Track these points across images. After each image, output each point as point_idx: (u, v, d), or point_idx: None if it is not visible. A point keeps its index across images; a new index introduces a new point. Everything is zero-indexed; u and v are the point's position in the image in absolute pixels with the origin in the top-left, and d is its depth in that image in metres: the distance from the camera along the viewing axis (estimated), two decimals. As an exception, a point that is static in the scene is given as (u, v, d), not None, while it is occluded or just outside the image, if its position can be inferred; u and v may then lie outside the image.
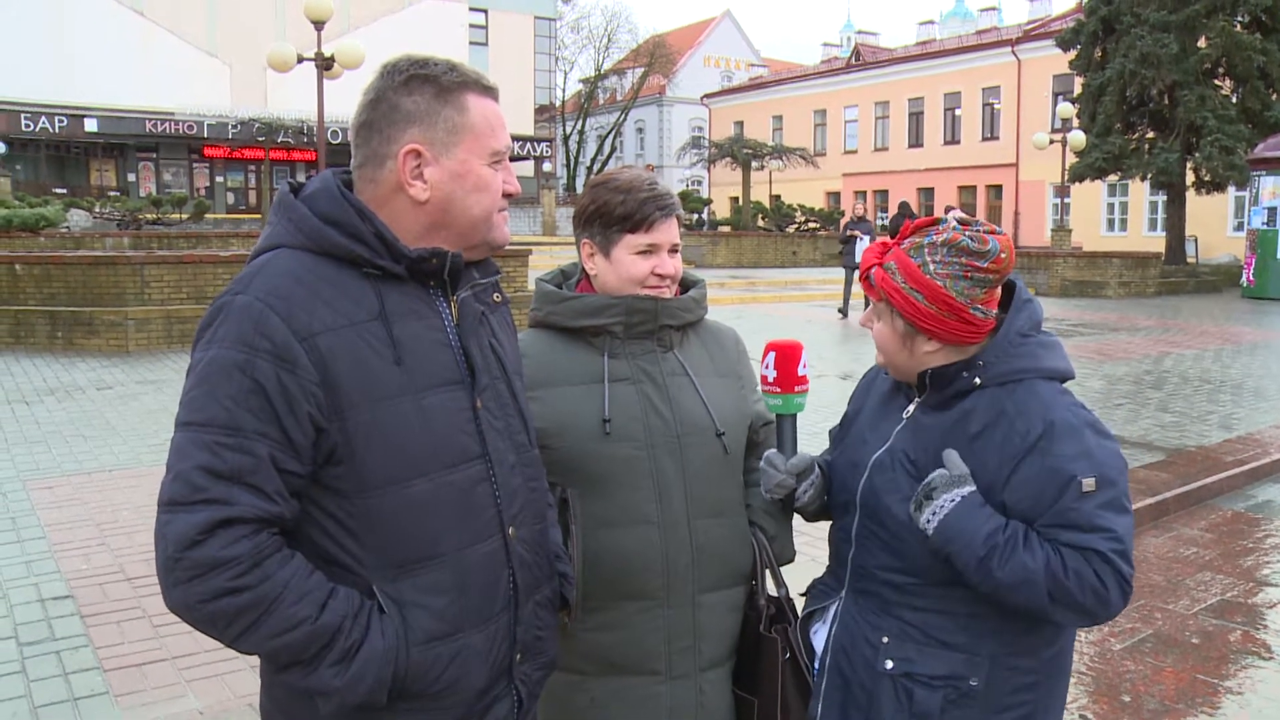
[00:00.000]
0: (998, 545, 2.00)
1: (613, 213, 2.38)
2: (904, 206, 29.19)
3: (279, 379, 1.70)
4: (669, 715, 2.36)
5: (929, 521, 2.05)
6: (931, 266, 2.09)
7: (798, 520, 2.57)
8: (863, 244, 19.66)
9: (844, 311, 19.83)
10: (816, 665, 2.36)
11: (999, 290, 2.16)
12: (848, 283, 20.14)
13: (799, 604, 2.51)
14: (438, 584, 1.83)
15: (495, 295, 2.07)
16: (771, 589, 2.50)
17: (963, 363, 2.14)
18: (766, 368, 2.39)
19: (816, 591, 2.45)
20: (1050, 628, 2.17)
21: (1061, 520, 2.01)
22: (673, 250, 2.42)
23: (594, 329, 2.39)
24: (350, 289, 1.81)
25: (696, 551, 2.36)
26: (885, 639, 2.20)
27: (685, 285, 2.54)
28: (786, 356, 2.37)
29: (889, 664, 2.19)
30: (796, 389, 2.37)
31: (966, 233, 2.09)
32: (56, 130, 40.54)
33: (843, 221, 21.26)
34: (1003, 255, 2.09)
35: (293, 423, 1.71)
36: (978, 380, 2.12)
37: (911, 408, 2.25)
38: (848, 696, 2.27)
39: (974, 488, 2.05)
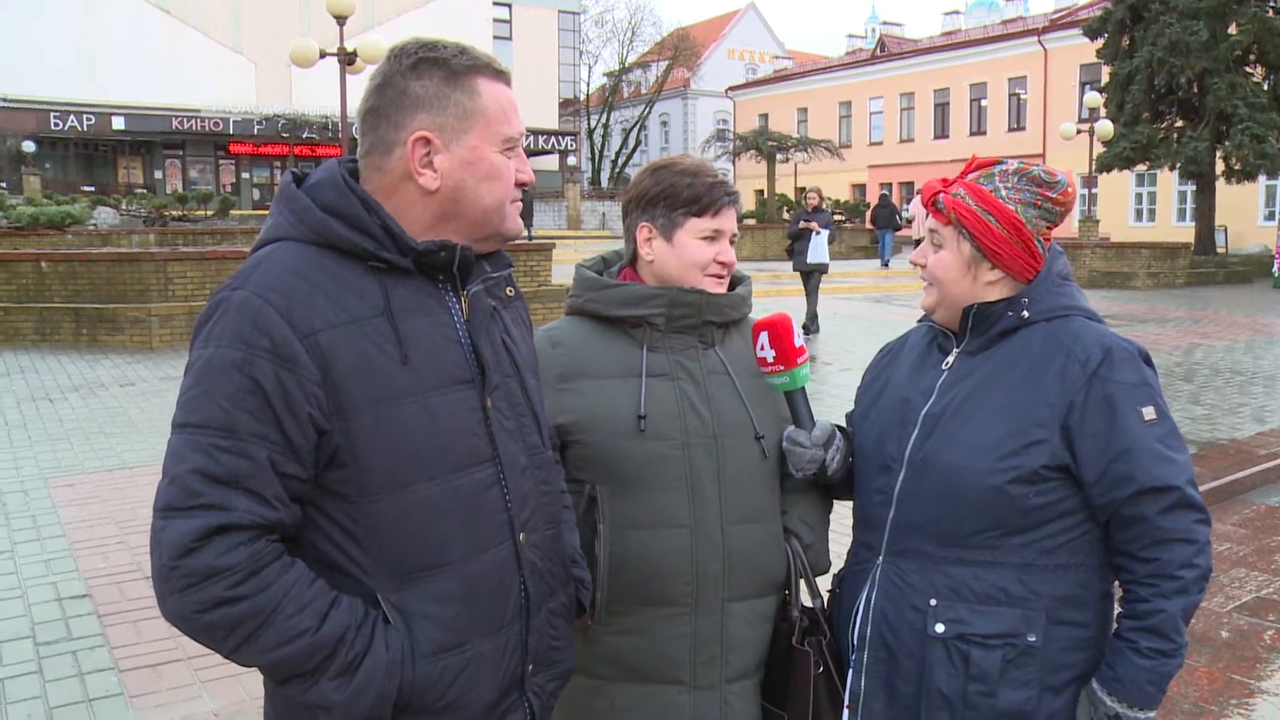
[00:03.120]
0: (1149, 647, 2.05)
1: (680, 195, 2.32)
2: (884, 198, 29.99)
3: (278, 379, 1.62)
4: None
5: (1141, 710, 2.07)
6: (1004, 191, 2.14)
7: (832, 528, 2.50)
8: (819, 240, 16.59)
9: (812, 327, 16.64)
10: (855, 638, 2.27)
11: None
12: (809, 290, 16.99)
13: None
14: (445, 593, 1.76)
15: (508, 289, 1.99)
16: (806, 599, 2.41)
17: (1006, 301, 2.17)
18: (762, 349, 2.29)
19: (848, 564, 2.38)
20: (1099, 577, 2.16)
21: (1131, 467, 2.03)
22: (732, 239, 2.37)
23: (634, 319, 2.31)
24: (354, 283, 1.73)
25: (728, 558, 2.27)
26: (933, 601, 2.13)
27: (732, 282, 2.46)
28: (779, 333, 2.27)
29: (940, 627, 2.12)
30: (799, 361, 2.28)
31: (1035, 166, 2.17)
32: (85, 128, 40.84)
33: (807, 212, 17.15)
34: (1069, 189, 2.17)
35: (293, 424, 1.64)
36: (1025, 314, 2.15)
37: (951, 358, 2.24)
38: (894, 668, 2.19)
39: (1091, 682, 2.11)
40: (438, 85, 1.79)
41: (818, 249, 16.59)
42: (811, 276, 16.94)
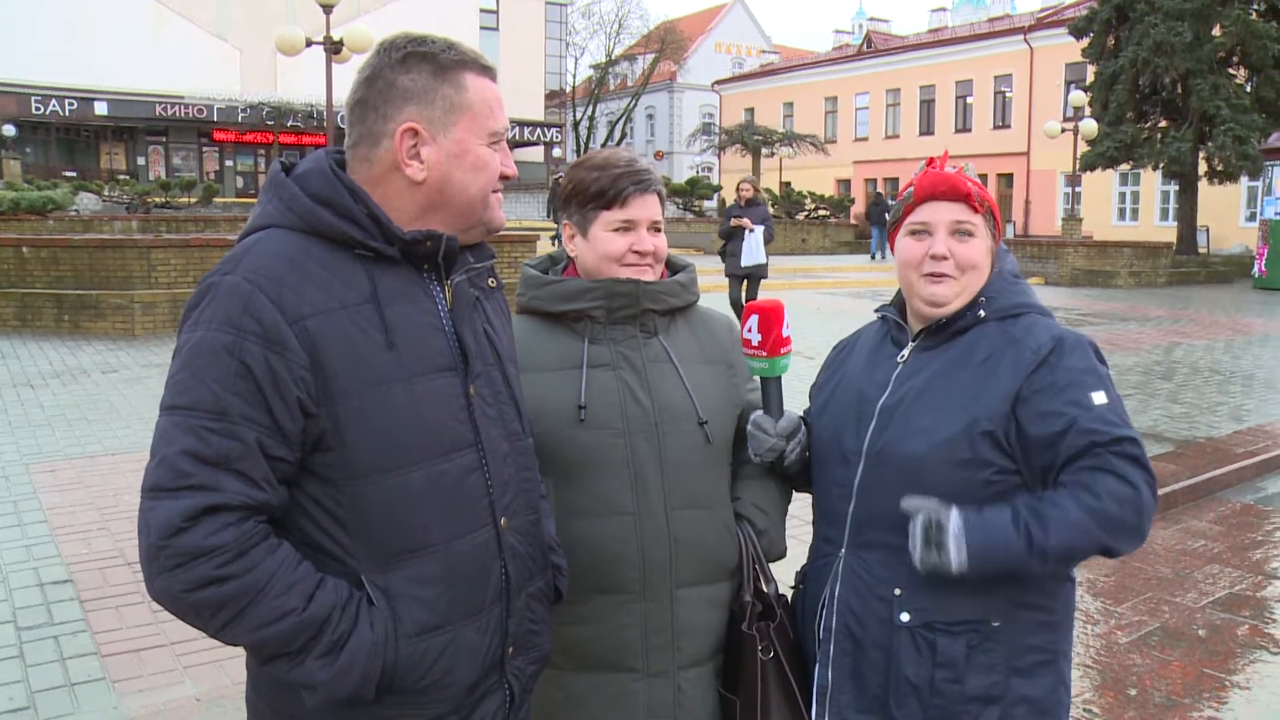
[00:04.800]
0: (1028, 523, 2.01)
1: (588, 190, 2.34)
2: (879, 196, 31.39)
3: (267, 362, 1.65)
4: (645, 714, 2.29)
5: (959, 557, 2.02)
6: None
7: (790, 512, 2.52)
8: (753, 238, 14.13)
9: None
10: (821, 631, 2.29)
11: None
12: (747, 299, 13.88)
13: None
14: (428, 575, 1.79)
15: (490, 280, 2.02)
16: (762, 585, 2.41)
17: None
18: (749, 331, 2.32)
19: (810, 560, 2.40)
20: None
21: (1080, 432, 2.03)
22: (653, 228, 2.36)
23: (575, 314, 2.34)
24: (342, 271, 1.76)
25: (674, 544, 2.28)
26: (898, 590, 2.15)
27: (674, 269, 2.48)
28: (769, 318, 2.30)
29: (905, 616, 2.14)
30: (782, 351, 2.30)
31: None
32: (67, 113, 40.56)
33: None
34: None
35: (281, 408, 1.66)
36: (981, 313, 2.19)
37: (906, 351, 2.27)
38: (861, 659, 2.21)
39: (954, 507, 2.05)
40: (426, 79, 1.82)
41: (752, 249, 14.24)
42: (748, 281, 14.54)
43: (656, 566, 2.27)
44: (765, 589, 2.40)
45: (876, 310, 2.44)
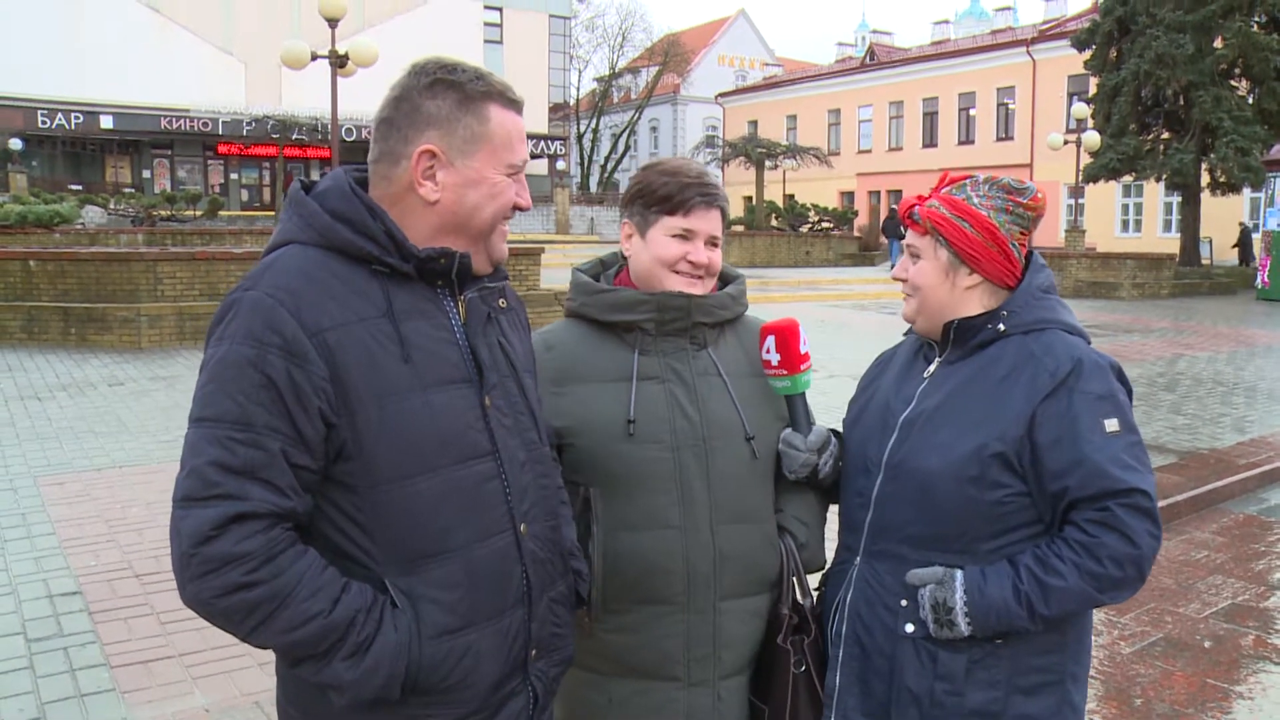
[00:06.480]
0: (1029, 595, 2.07)
1: (655, 193, 2.35)
2: (893, 211, 32.03)
3: (289, 374, 1.71)
4: None
5: (967, 625, 2.10)
6: (976, 199, 2.22)
7: (829, 528, 2.55)
8: None
9: None
10: (833, 636, 2.33)
11: (1029, 242, 2.26)
12: None
13: None
14: (449, 578, 1.83)
15: (501, 300, 2.06)
16: (799, 597, 2.43)
17: (987, 314, 2.23)
18: (768, 352, 2.35)
19: (832, 564, 2.44)
20: None
21: (1092, 472, 2.06)
22: (711, 243, 2.37)
23: (626, 324, 2.34)
24: (359, 286, 1.82)
25: (719, 558, 2.30)
26: (904, 601, 2.18)
27: (724, 280, 2.50)
28: (785, 337, 2.33)
29: (909, 627, 2.18)
30: (802, 368, 2.33)
31: (1004, 176, 2.23)
32: (72, 127, 40.70)
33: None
34: (1039, 195, 2.24)
35: (304, 418, 1.72)
36: (1002, 327, 2.21)
37: (933, 367, 2.30)
38: (867, 665, 2.25)
39: (959, 571, 2.13)
40: (450, 107, 1.87)
41: None
42: None
43: (701, 579, 2.29)
44: (802, 602, 2.42)
45: (906, 333, 2.48)
